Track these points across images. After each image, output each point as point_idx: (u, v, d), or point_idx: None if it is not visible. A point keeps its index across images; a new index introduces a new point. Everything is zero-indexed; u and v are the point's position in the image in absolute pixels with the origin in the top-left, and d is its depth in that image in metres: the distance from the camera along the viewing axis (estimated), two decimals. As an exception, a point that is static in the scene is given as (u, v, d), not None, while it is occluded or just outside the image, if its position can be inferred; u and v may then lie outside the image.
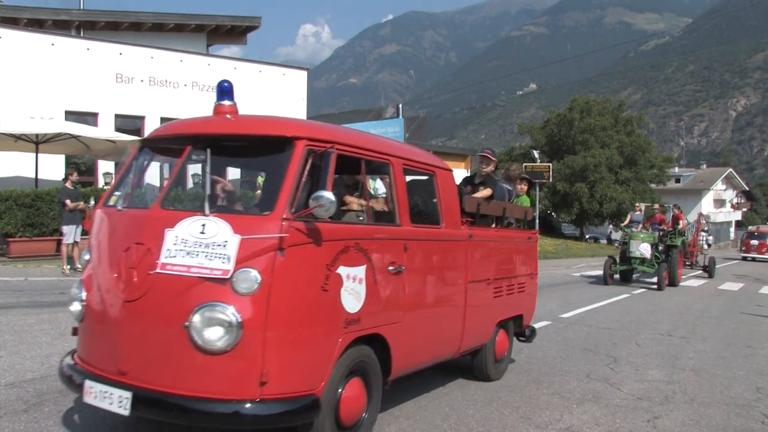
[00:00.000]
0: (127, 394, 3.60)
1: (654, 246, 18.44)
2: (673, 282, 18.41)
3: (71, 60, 19.67)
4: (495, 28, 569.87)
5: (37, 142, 16.37)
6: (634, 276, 19.51)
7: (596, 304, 13.62)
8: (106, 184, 16.00)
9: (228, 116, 4.20)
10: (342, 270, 4.05)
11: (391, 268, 4.57)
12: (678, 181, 74.03)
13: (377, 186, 8.49)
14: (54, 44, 19.54)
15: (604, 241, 44.53)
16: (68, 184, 13.81)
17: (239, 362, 3.55)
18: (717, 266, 24.29)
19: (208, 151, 3.99)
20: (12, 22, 21.06)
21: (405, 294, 4.76)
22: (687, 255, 21.76)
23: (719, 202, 77.20)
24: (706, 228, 27.38)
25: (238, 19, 27.46)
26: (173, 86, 21.65)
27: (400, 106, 35.84)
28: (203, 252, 3.63)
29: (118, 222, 4.13)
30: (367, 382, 4.42)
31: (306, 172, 3.94)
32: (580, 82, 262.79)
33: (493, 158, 7.08)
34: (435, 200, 5.48)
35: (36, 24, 22.49)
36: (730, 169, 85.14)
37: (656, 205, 22.88)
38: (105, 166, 18.70)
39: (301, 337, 3.79)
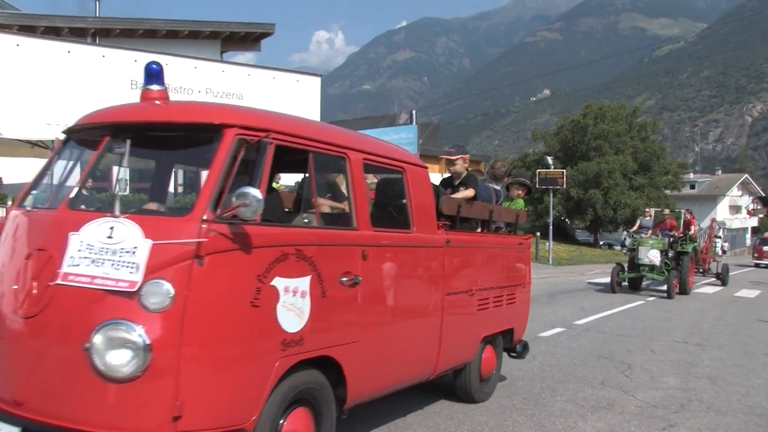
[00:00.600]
0: (15, 431, 3.11)
1: (664, 252, 17.79)
2: (684, 290, 17.77)
3: (87, 67, 19.83)
4: (509, 34, 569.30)
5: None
6: (643, 284, 18.94)
7: (610, 311, 13.54)
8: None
9: (157, 102, 3.67)
10: (278, 282, 3.45)
11: (345, 279, 3.94)
12: (693, 187, 73.54)
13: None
14: (70, 51, 19.70)
15: (618, 248, 44.24)
16: None
17: (147, 392, 2.99)
18: (731, 273, 23.72)
19: (128, 142, 3.42)
20: (29, 30, 21.25)
21: (364, 309, 4.13)
22: (699, 262, 21.05)
23: (735, 209, 76.63)
24: (719, 234, 26.61)
25: (252, 25, 27.55)
26: (187, 93, 21.74)
27: (414, 112, 35.78)
28: (110, 260, 3.08)
29: (24, 225, 3.61)
30: (316, 412, 3.82)
31: (237, 166, 3.37)
32: (594, 88, 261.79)
33: (459, 156, 6.13)
34: (404, 201, 4.80)
35: (53, 32, 22.68)
36: (746, 175, 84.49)
37: (666, 210, 21.93)
38: (121, 172, 18.80)
39: (225, 361, 3.20)
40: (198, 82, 22.14)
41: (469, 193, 5.85)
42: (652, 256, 17.43)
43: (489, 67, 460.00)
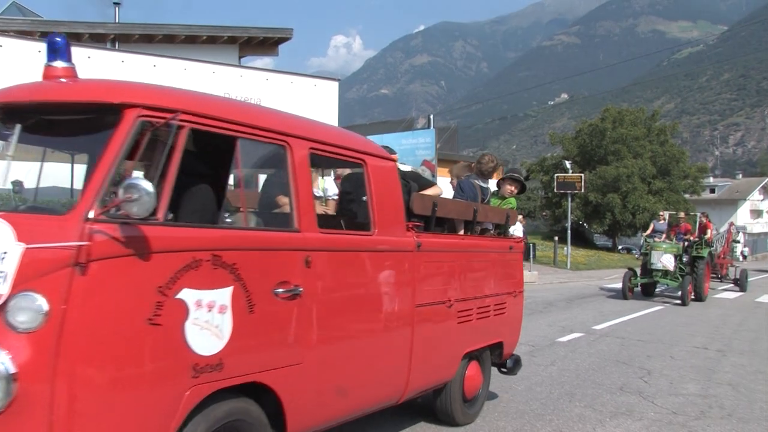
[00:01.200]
0: None
1: (678, 257, 17.05)
2: (699, 296, 17.15)
3: (107, 72, 19.93)
4: (526, 38, 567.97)
5: (73, 153, 16.66)
6: (657, 290, 18.41)
7: (629, 316, 13.44)
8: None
9: (62, 80, 3.12)
10: (187, 294, 2.83)
11: (281, 290, 3.31)
12: (713, 191, 72.99)
13: (326, 187, 7.57)
14: (90, 57, 19.87)
15: (637, 252, 43.95)
16: None
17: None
18: (751, 279, 23.03)
19: (18, 126, 2.95)
20: (50, 36, 21.51)
21: (308, 325, 3.50)
22: (716, 267, 20.37)
23: (756, 213, 75.85)
24: (738, 238, 25.90)
25: (270, 30, 27.67)
26: (206, 98, 21.89)
27: (432, 116, 35.80)
28: None
29: None
30: None
31: (139, 154, 2.80)
32: (612, 92, 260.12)
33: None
34: (364, 199, 4.21)
35: (73, 38, 22.90)
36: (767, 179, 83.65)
37: (681, 213, 21.06)
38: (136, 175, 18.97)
39: (114, 393, 2.59)
40: (216, 86, 22.22)
41: (436, 191, 5.20)
42: (665, 260, 16.84)
43: (507, 71, 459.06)
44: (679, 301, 16.33)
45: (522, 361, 6.21)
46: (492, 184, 6.47)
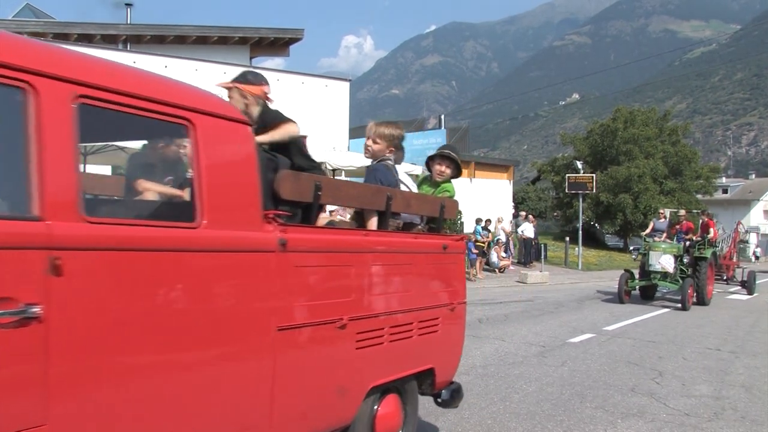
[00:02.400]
0: None
1: (678, 258, 16.03)
2: (702, 300, 16.07)
3: (119, 73, 20.13)
4: (537, 38, 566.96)
5: (85, 154, 16.75)
6: (658, 292, 17.46)
7: (640, 317, 13.39)
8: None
9: None
10: None
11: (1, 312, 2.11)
12: (726, 191, 72.56)
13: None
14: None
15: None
16: None
17: None
18: (759, 281, 21.87)
19: None
20: (63, 38, 21.64)
21: (58, 363, 2.27)
22: (721, 269, 19.22)
23: (769, 213, 75.35)
24: (746, 239, 24.97)
25: (281, 31, 27.77)
26: (217, 98, 21.99)
27: (443, 117, 35.89)
28: None
29: None
30: None
31: None
32: (623, 92, 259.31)
33: (233, 83, 3.99)
34: (187, 175, 3.13)
35: (85, 39, 23.06)
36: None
37: (682, 211, 19.50)
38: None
39: None
40: (227, 87, 22.37)
41: (290, 129, 3.84)
42: (664, 262, 15.78)
43: (517, 72, 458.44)
44: (680, 305, 15.36)
45: (463, 392, 4.87)
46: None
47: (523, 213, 29.93)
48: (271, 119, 3.90)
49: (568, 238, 30.51)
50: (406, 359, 4.15)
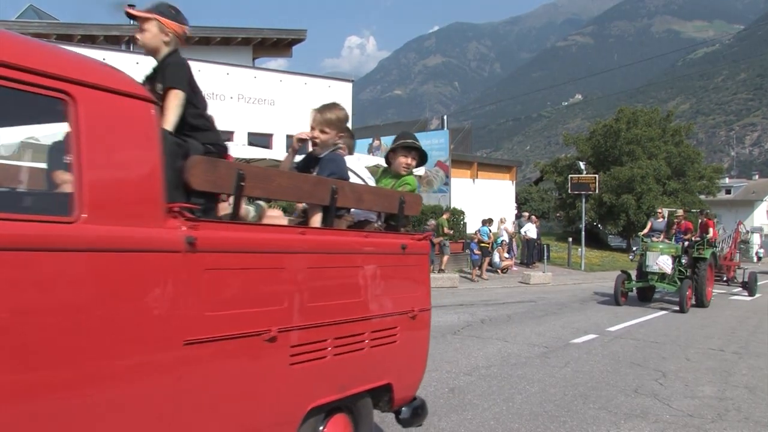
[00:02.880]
0: None
1: (676, 259, 15.51)
2: (701, 302, 15.52)
3: (122, 74, 20.18)
4: (540, 39, 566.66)
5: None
6: (656, 294, 16.90)
7: (643, 318, 13.38)
8: None
9: None
10: None
11: None
12: (729, 192, 72.41)
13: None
14: (105, 59, 19.78)
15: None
16: None
17: None
18: (760, 282, 21.50)
19: None
20: (66, 39, 21.70)
21: None
22: (721, 269, 18.68)
23: (773, 214, 75.20)
24: (746, 238, 24.56)
25: (284, 32, 27.81)
26: (219, 99, 22.01)
27: (445, 117, 35.90)
28: None
29: None
30: None
31: None
32: (626, 92, 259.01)
33: (147, 13, 3.36)
34: (67, 158, 2.45)
35: (88, 40, 23.12)
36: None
37: (680, 211, 18.58)
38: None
39: None
40: (230, 88, 22.40)
41: (179, 98, 3.16)
42: (662, 263, 15.28)
43: (520, 72, 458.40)
44: (678, 308, 14.87)
45: (427, 409, 4.37)
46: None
47: (526, 214, 29.91)
48: (169, 75, 3.27)
49: (570, 239, 30.45)
50: (356, 375, 3.65)
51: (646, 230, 17.73)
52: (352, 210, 3.91)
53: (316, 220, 3.50)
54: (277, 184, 3.24)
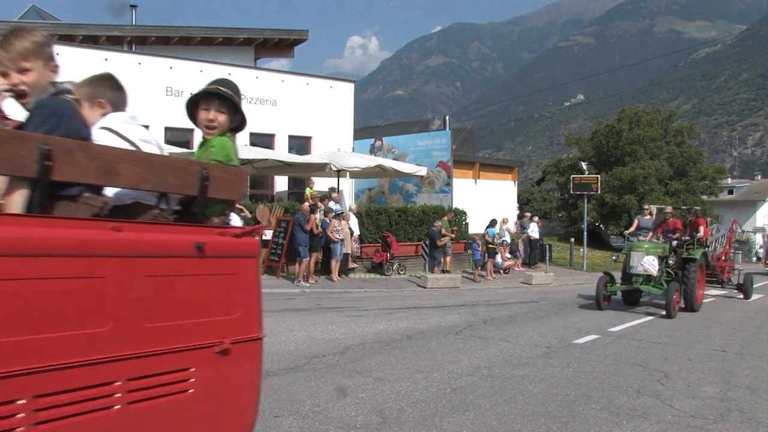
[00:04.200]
0: None
1: (663, 260, 14.39)
2: (690, 306, 14.44)
3: (123, 74, 19.78)
4: (542, 39, 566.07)
5: None
6: (643, 297, 15.87)
7: (645, 318, 13.36)
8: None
9: None
10: None
11: None
12: (731, 192, 72.31)
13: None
14: (107, 59, 20.05)
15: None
16: None
17: None
18: (757, 284, 20.60)
19: None
20: (68, 39, 21.70)
21: None
22: (715, 270, 17.79)
23: (775, 214, 75.07)
24: (743, 238, 23.60)
25: (286, 32, 27.81)
26: (222, 99, 22.05)
27: (447, 117, 35.87)
28: None
29: None
30: None
31: None
32: (628, 93, 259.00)
33: None
34: None
35: (91, 40, 23.13)
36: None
37: (668, 208, 16.73)
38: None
39: None
40: (232, 88, 22.42)
41: None
42: (647, 264, 14.13)
43: (522, 72, 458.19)
44: (664, 313, 13.67)
45: None
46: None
47: (528, 214, 29.90)
48: None
49: (573, 239, 30.45)
50: None
51: (632, 228, 16.70)
52: (110, 190, 2.59)
53: (15, 201, 2.20)
54: None
